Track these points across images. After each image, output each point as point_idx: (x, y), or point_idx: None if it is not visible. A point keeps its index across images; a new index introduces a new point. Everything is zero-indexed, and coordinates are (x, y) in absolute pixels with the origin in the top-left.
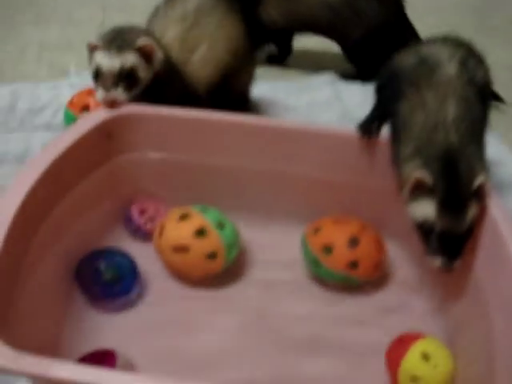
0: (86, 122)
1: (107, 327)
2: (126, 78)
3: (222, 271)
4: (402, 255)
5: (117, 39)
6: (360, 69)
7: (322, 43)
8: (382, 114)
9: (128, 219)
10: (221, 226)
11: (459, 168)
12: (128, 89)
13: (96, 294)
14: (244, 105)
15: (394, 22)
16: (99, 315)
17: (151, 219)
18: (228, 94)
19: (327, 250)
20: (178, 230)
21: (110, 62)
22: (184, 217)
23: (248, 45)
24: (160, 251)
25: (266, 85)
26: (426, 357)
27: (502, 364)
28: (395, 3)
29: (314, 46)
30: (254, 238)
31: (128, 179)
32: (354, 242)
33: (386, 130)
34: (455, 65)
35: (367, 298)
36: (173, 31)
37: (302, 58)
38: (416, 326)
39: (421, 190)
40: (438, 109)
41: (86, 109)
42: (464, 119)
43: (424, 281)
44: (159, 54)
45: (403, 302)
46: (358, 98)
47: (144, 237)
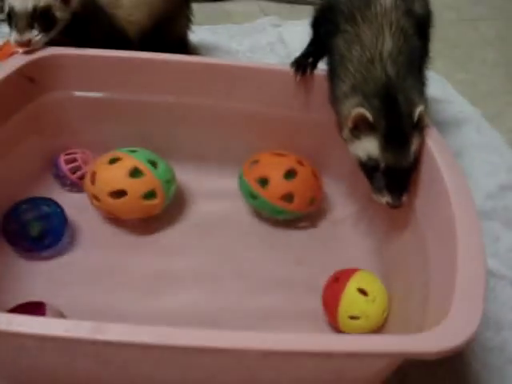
0: (6, 66)
1: (38, 276)
2: (40, 18)
3: (162, 210)
4: (340, 193)
5: None
6: None
7: None
8: (319, 50)
9: (55, 167)
10: (153, 164)
11: (398, 101)
12: (44, 30)
13: (24, 248)
14: (182, 49)
15: None
16: (29, 264)
17: (79, 168)
18: (164, 39)
19: (263, 181)
20: (111, 175)
21: (22, 2)
22: (114, 160)
23: None
24: (94, 198)
25: (207, 28)
26: (363, 292)
27: (435, 294)
28: None
29: None
30: (189, 179)
31: (53, 121)
32: (290, 174)
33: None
34: None
35: (304, 234)
36: None
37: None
38: (351, 263)
39: (362, 127)
40: (374, 42)
41: None
42: (401, 51)
43: (361, 218)
44: None
45: (339, 240)
46: (301, 41)
47: (71, 186)
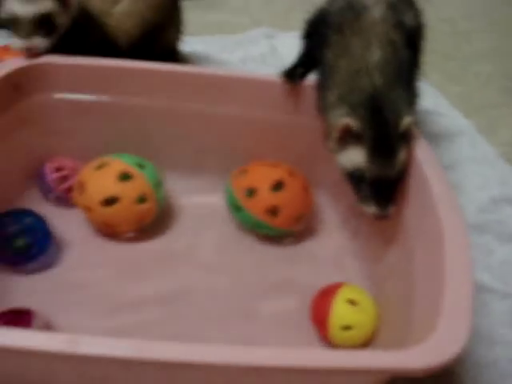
0: None
1: (23, 289)
2: (43, 24)
3: (155, 215)
4: (330, 204)
5: None
6: None
7: None
8: (309, 61)
9: (41, 177)
10: (141, 166)
11: (385, 112)
12: (46, 36)
13: (8, 260)
14: (172, 59)
15: None
16: (12, 276)
17: (66, 178)
18: (154, 49)
19: (250, 192)
20: (101, 182)
21: (25, 8)
22: (101, 166)
23: (173, 1)
24: (86, 210)
25: (199, 39)
26: (352, 302)
27: (422, 309)
28: None
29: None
30: (178, 187)
31: (37, 128)
32: (278, 186)
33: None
34: (381, 8)
35: (289, 250)
36: None
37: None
38: (338, 279)
39: (348, 137)
40: (362, 53)
41: None
42: (389, 63)
43: (347, 231)
44: None
45: (325, 255)
46: (295, 53)
47: (57, 200)
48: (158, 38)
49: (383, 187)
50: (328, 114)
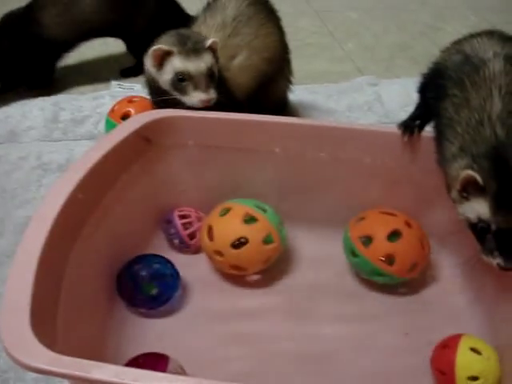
0: (124, 127)
1: (151, 332)
2: (211, 77)
3: (280, 253)
4: (444, 254)
5: (187, 42)
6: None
7: None
8: (425, 114)
9: (167, 223)
10: (262, 209)
11: (509, 162)
12: (215, 87)
13: (138, 305)
14: (282, 109)
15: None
16: (142, 319)
17: (191, 224)
18: (266, 100)
19: (367, 239)
20: (228, 225)
21: (197, 64)
22: (225, 211)
23: (284, 52)
24: (217, 254)
25: (304, 88)
26: (476, 351)
27: None
28: None
29: None
30: (297, 235)
31: (162, 178)
32: (394, 235)
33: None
34: (500, 61)
35: (403, 300)
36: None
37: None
38: (458, 330)
39: (470, 188)
40: (483, 105)
41: (126, 117)
42: (511, 114)
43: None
44: None
45: (443, 305)
46: (399, 100)
47: (181, 245)
48: (271, 89)
49: (509, 239)
50: (449, 165)
